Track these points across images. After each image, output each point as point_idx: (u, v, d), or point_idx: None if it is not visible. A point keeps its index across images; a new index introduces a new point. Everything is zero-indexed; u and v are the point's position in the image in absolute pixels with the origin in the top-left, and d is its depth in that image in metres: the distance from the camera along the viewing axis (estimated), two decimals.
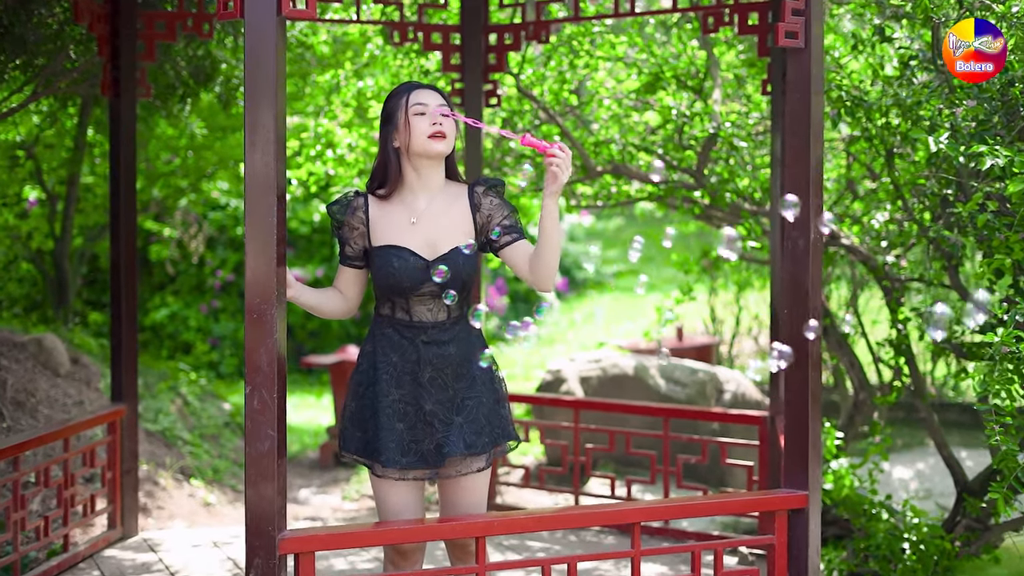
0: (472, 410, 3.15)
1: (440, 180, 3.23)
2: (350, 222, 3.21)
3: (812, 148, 3.41)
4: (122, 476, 4.88)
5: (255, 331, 2.86)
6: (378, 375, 3.17)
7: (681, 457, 4.93)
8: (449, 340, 3.17)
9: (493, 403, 3.20)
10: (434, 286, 3.13)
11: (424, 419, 3.14)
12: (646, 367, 6.72)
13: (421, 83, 3.24)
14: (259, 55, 2.86)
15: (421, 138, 3.13)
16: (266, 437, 2.89)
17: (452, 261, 3.13)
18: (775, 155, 4.63)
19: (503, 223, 3.19)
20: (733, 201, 5.36)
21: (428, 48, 5.24)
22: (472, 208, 3.21)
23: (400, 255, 3.13)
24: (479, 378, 3.18)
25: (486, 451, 3.16)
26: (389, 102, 3.21)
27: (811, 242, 3.42)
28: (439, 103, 3.17)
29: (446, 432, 3.13)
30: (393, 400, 3.14)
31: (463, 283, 3.16)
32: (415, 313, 3.17)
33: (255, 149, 2.87)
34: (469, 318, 3.16)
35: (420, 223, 3.18)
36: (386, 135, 3.20)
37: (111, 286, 4.87)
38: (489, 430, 3.17)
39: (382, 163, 3.21)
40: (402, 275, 3.12)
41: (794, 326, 3.44)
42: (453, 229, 3.18)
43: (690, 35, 6.08)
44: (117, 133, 4.85)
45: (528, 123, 6.01)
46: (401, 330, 3.17)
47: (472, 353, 3.20)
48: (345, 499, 6.69)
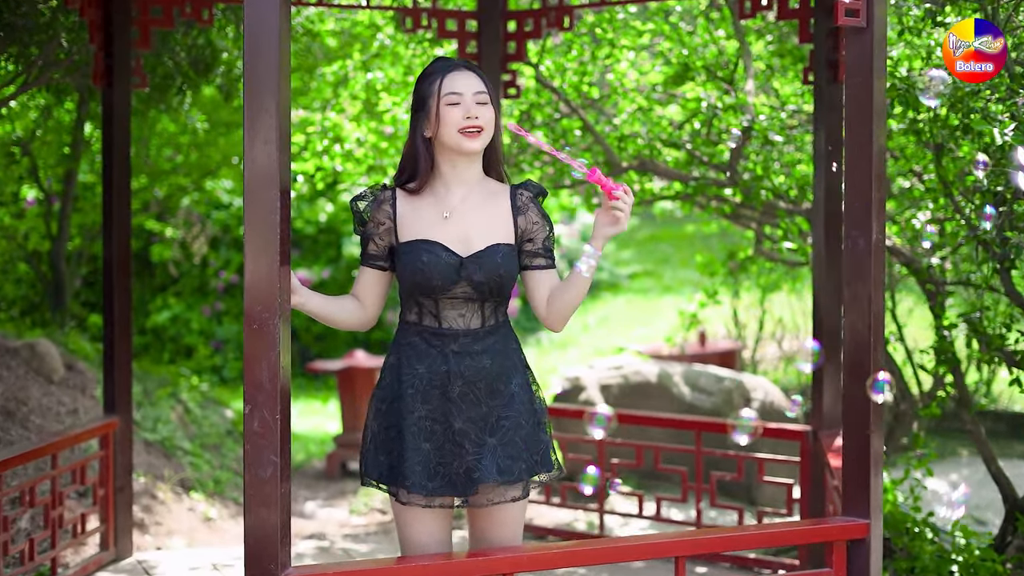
0: (508, 431, 2.79)
1: (477, 174, 2.87)
2: (376, 217, 2.85)
3: (875, 137, 3.08)
4: (115, 493, 4.55)
5: (255, 343, 2.53)
6: (403, 389, 2.82)
7: (715, 474, 4.59)
8: (483, 351, 2.81)
9: (533, 426, 2.84)
10: (467, 287, 2.79)
11: (453, 439, 2.78)
12: (670, 374, 6.38)
13: (458, 62, 2.85)
14: (260, 32, 2.53)
15: (452, 132, 2.77)
16: (268, 463, 2.56)
17: (489, 260, 2.78)
18: (818, 149, 4.29)
19: (544, 243, 2.86)
20: (768, 199, 5.02)
21: (442, 36, 4.91)
22: (514, 210, 2.86)
23: (431, 250, 2.78)
24: (518, 396, 2.83)
25: (522, 479, 2.80)
26: (421, 85, 2.84)
27: (873, 242, 3.08)
28: (476, 90, 2.80)
29: (478, 455, 2.77)
30: (419, 417, 2.79)
31: (500, 286, 2.81)
32: (445, 318, 2.81)
33: (256, 137, 2.54)
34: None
35: (453, 218, 2.82)
36: (416, 123, 2.84)
37: (104, 288, 4.54)
38: (527, 456, 2.81)
39: (411, 153, 2.86)
40: (432, 272, 2.76)
41: (854, 335, 3.10)
42: (491, 225, 2.83)
43: (718, 24, 5.74)
44: (110, 125, 4.52)
45: (548, 116, 5.67)
46: (429, 338, 2.82)
47: (510, 367, 2.84)
48: (353, 513, 6.36)
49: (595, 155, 5.40)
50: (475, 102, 2.79)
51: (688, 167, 5.31)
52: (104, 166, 4.55)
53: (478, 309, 2.82)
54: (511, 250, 2.83)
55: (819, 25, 4.28)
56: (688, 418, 4.73)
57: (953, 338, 4.95)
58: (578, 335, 11.32)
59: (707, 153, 5.21)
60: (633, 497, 4.94)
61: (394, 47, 5.83)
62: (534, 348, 10.92)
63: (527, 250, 2.86)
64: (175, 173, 8.84)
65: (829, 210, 4.28)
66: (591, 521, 5.38)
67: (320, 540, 5.42)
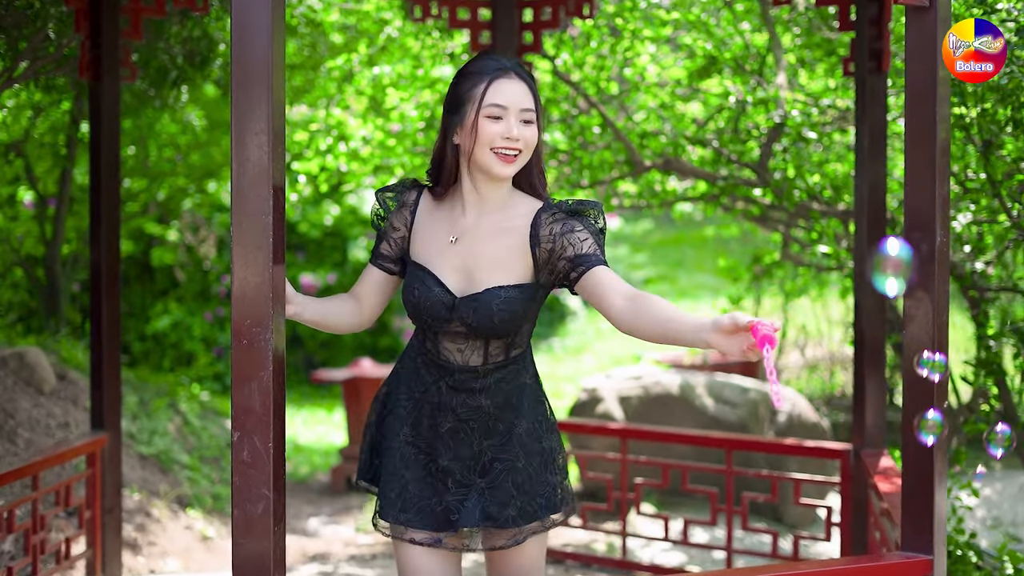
0: (499, 475, 2.48)
1: (503, 195, 2.51)
2: (394, 220, 2.57)
3: (938, 128, 2.76)
4: (103, 515, 4.24)
5: (245, 362, 2.22)
6: (397, 403, 2.56)
7: (747, 495, 4.27)
8: (481, 389, 2.49)
9: (539, 467, 2.52)
10: (461, 326, 2.47)
11: (436, 475, 2.51)
12: (692, 385, 6.05)
13: (509, 64, 2.46)
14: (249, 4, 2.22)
15: (485, 150, 2.42)
16: (259, 497, 2.24)
17: (484, 306, 2.43)
18: (861, 145, 3.96)
19: (577, 249, 2.42)
20: (802, 200, 4.69)
21: (454, 26, 4.59)
22: (532, 242, 2.46)
23: (424, 282, 2.47)
24: (519, 438, 2.50)
25: (513, 525, 2.47)
26: (461, 85, 2.47)
27: (937, 246, 2.76)
28: (523, 106, 2.43)
29: (461, 495, 2.48)
30: (404, 441, 2.52)
31: (495, 331, 2.45)
32: (442, 350, 2.51)
33: (245, 127, 2.22)
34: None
35: (461, 244, 2.49)
36: (448, 126, 2.50)
37: (91, 295, 4.24)
38: (524, 501, 2.49)
39: (439, 158, 2.53)
40: (421, 307, 2.47)
41: (915, 351, 2.78)
42: (498, 262, 2.46)
43: (742, 16, 5.42)
44: (98, 121, 4.21)
45: (564, 113, 5.35)
46: (427, 364, 2.53)
47: (516, 407, 2.51)
48: (359, 531, 6.04)
49: (615, 153, 5.08)
50: (520, 120, 2.43)
51: (715, 166, 4.98)
52: (92, 165, 4.24)
53: (481, 346, 2.49)
54: (518, 293, 2.44)
55: (861, 11, 3.96)
56: (717, 435, 4.40)
57: (1000, 348, 4.64)
58: (592, 341, 10.99)
59: (735, 151, 4.89)
60: (657, 519, 4.60)
61: (402, 39, 5.51)
62: (546, 355, 10.59)
63: (561, 269, 2.45)
64: (175, 175, 8.54)
65: (873, 211, 3.95)
66: (611, 543, 5.06)
67: (323, 564, 5.11)
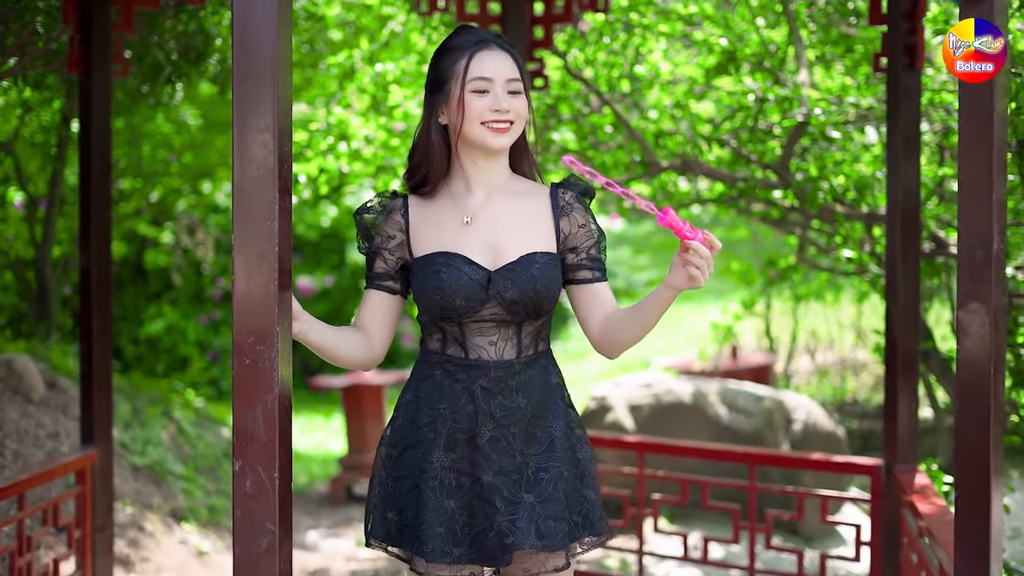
0: (547, 485, 2.27)
1: (503, 173, 2.37)
2: (385, 229, 2.35)
3: (996, 126, 2.56)
4: (94, 534, 4.02)
5: (248, 383, 2.00)
6: (420, 433, 2.31)
7: (771, 512, 4.06)
8: (518, 387, 2.29)
9: (575, 479, 2.32)
10: (498, 308, 2.26)
11: (482, 495, 2.26)
12: (704, 393, 5.85)
13: (488, 36, 2.33)
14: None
15: (475, 125, 2.27)
16: (263, 532, 2.03)
17: (523, 273, 2.26)
18: (895, 146, 3.76)
19: (590, 252, 2.35)
20: (827, 202, 4.49)
21: (461, 19, 4.38)
22: (555, 212, 2.34)
23: (451, 264, 2.26)
24: (559, 443, 2.30)
25: (565, 545, 2.27)
26: (441, 61, 2.33)
27: (994, 253, 2.55)
28: (509, 76, 2.30)
29: (511, 515, 2.24)
30: (441, 468, 2.28)
31: (539, 305, 2.28)
32: (472, 347, 2.29)
33: (247, 123, 2.01)
34: None
35: (477, 223, 2.31)
36: (432, 107, 2.33)
37: (81, 302, 4.01)
38: (569, 516, 2.29)
39: (425, 144, 2.34)
40: (453, 291, 2.25)
41: (970, 365, 2.57)
42: (525, 230, 2.31)
43: (757, 11, 5.20)
44: (89, 118, 3.99)
45: (576, 111, 5.14)
46: (453, 371, 2.30)
47: (551, 407, 2.32)
48: (360, 545, 5.83)
49: (628, 153, 4.87)
50: (507, 91, 2.29)
51: (733, 166, 4.78)
52: (82, 164, 4.01)
53: (513, 335, 2.30)
54: (551, 260, 2.30)
55: (894, 4, 3.76)
56: (740, 449, 4.19)
57: None
58: None
59: (756, 151, 4.68)
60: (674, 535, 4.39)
61: (407, 34, 5.29)
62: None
63: (570, 262, 2.36)
64: (169, 175, 8.32)
65: (906, 214, 3.75)
66: (623, 559, 4.85)
67: None
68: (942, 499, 3.36)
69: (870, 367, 7.75)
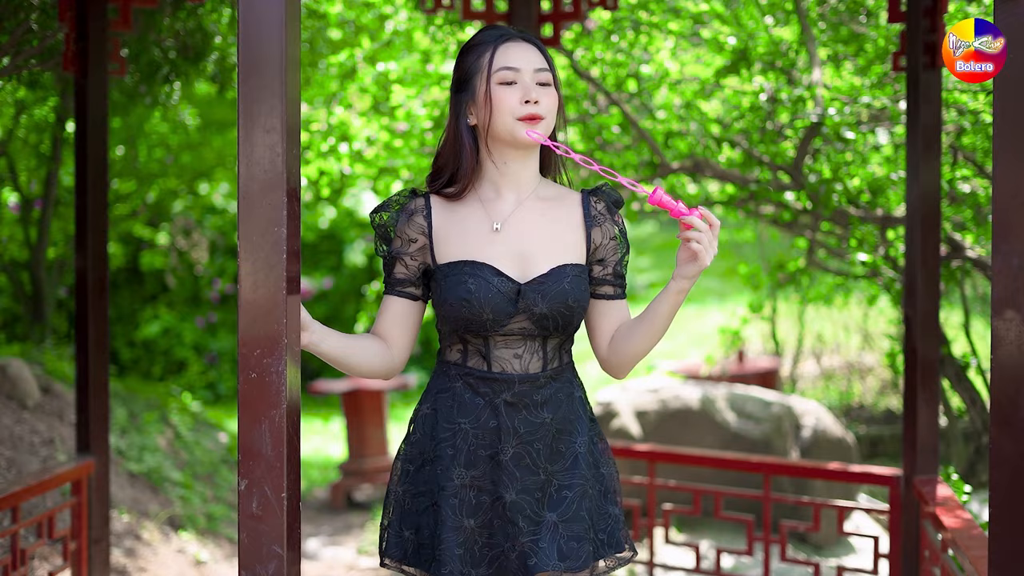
0: (571, 503, 2.17)
1: (533, 175, 2.26)
2: (405, 232, 2.23)
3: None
4: (90, 547, 3.91)
5: (254, 398, 1.90)
6: (439, 449, 2.20)
7: (786, 524, 3.96)
8: (543, 402, 2.19)
9: (599, 496, 2.23)
10: (526, 322, 2.16)
11: (504, 514, 2.16)
12: (712, 399, 5.74)
13: (513, 32, 2.23)
14: None
15: (506, 119, 2.16)
16: (271, 556, 1.92)
17: (554, 287, 2.16)
18: (914, 147, 3.65)
19: (616, 268, 2.27)
20: (841, 205, 4.38)
21: (467, 17, 4.27)
22: (587, 221, 2.25)
23: (479, 275, 2.16)
24: (583, 458, 2.21)
25: (588, 565, 2.18)
26: (465, 59, 2.23)
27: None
28: (537, 67, 2.19)
29: (534, 535, 2.14)
30: (462, 485, 2.17)
31: (569, 320, 2.18)
32: (496, 360, 2.19)
33: (254, 124, 1.91)
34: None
35: (507, 230, 2.20)
36: (458, 106, 2.23)
37: (76, 306, 3.90)
38: (593, 535, 2.20)
39: (453, 146, 2.23)
40: (481, 304, 2.14)
41: (1004, 377, 2.47)
42: (556, 241, 2.21)
43: (766, 9, 5.10)
44: (84, 117, 3.88)
45: (583, 111, 5.03)
46: (475, 384, 2.20)
47: (575, 422, 2.22)
48: (361, 553, 5.72)
49: (637, 154, 4.76)
50: (536, 82, 2.18)
51: (744, 168, 4.67)
52: (78, 164, 3.90)
53: (539, 348, 2.20)
54: (581, 272, 2.21)
55: (913, 1, 3.65)
56: (755, 459, 4.09)
57: None
58: None
59: (767, 152, 4.57)
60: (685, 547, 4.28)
61: (411, 29, 5.18)
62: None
63: (595, 275, 2.27)
64: (165, 176, 8.20)
65: (927, 217, 3.65)
66: (632, 569, 4.75)
67: None
68: (966, 512, 3.25)
69: (877, 371, 7.65)
